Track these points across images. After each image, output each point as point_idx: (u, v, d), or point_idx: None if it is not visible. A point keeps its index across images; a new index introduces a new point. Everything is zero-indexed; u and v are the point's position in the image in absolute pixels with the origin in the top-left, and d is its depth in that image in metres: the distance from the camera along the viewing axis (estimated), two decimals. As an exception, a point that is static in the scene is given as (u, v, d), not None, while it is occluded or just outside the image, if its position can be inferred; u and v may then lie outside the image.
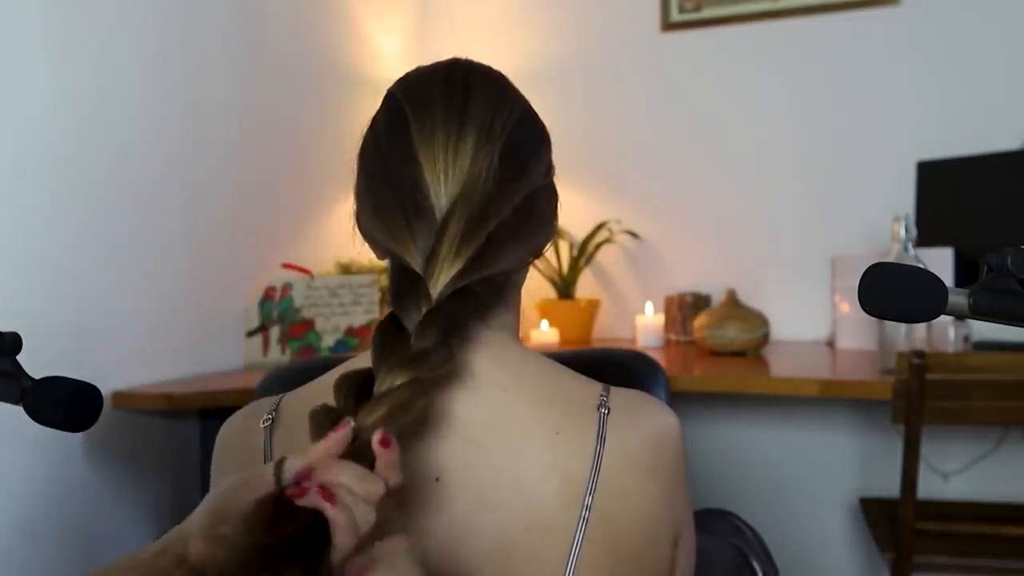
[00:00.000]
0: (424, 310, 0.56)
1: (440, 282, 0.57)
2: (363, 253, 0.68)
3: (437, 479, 0.58)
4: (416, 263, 0.58)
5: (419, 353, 0.55)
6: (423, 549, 0.57)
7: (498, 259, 0.59)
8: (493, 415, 0.60)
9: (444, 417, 0.59)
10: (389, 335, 0.56)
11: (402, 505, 0.57)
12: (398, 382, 0.53)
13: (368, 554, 0.48)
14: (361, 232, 0.66)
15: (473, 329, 0.62)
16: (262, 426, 0.64)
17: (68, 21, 1.37)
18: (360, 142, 0.67)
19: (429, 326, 0.56)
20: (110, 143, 1.45)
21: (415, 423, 0.55)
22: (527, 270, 0.69)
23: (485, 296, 0.60)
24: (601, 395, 0.64)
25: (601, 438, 0.61)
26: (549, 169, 0.67)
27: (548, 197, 0.67)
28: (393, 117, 0.64)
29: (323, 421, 0.51)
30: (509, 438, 0.60)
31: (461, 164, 0.60)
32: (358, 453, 0.50)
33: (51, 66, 1.35)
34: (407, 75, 0.68)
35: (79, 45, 1.40)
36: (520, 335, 0.70)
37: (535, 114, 0.67)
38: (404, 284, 0.58)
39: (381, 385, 0.53)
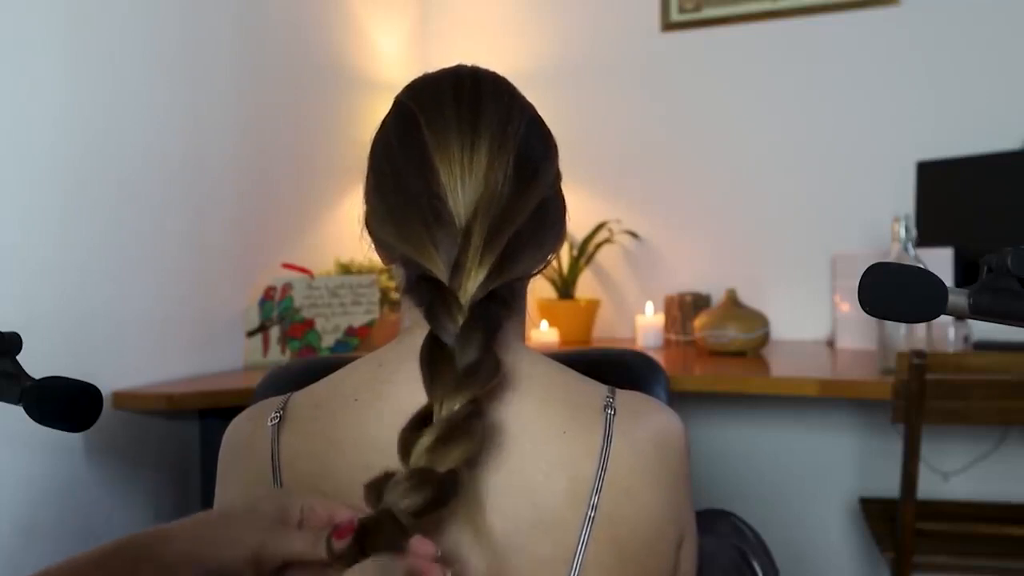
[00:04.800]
0: (460, 321, 0.56)
1: (468, 291, 0.57)
2: (365, 254, 0.68)
3: None
4: (440, 271, 0.58)
5: (469, 368, 0.55)
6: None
7: (516, 265, 0.59)
8: (501, 414, 0.60)
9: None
10: (435, 357, 0.56)
11: None
12: (456, 406, 0.53)
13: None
14: (372, 237, 0.66)
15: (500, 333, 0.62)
16: (269, 424, 0.64)
17: (74, 25, 1.38)
18: (370, 147, 0.67)
19: (470, 337, 0.56)
20: (112, 144, 1.45)
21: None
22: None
23: (507, 300, 0.60)
24: (607, 396, 0.64)
25: (608, 438, 0.61)
26: (557, 176, 0.68)
27: (557, 203, 0.67)
28: (405, 123, 0.64)
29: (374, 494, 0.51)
30: (516, 437, 0.60)
31: (477, 171, 0.60)
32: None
33: (59, 71, 1.35)
34: (414, 82, 0.68)
35: (85, 52, 1.40)
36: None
37: (542, 121, 0.68)
38: (434, 298, 0.57)
39: (440, 414, 0.54)
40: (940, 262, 1.72)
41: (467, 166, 0.60)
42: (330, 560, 0.50)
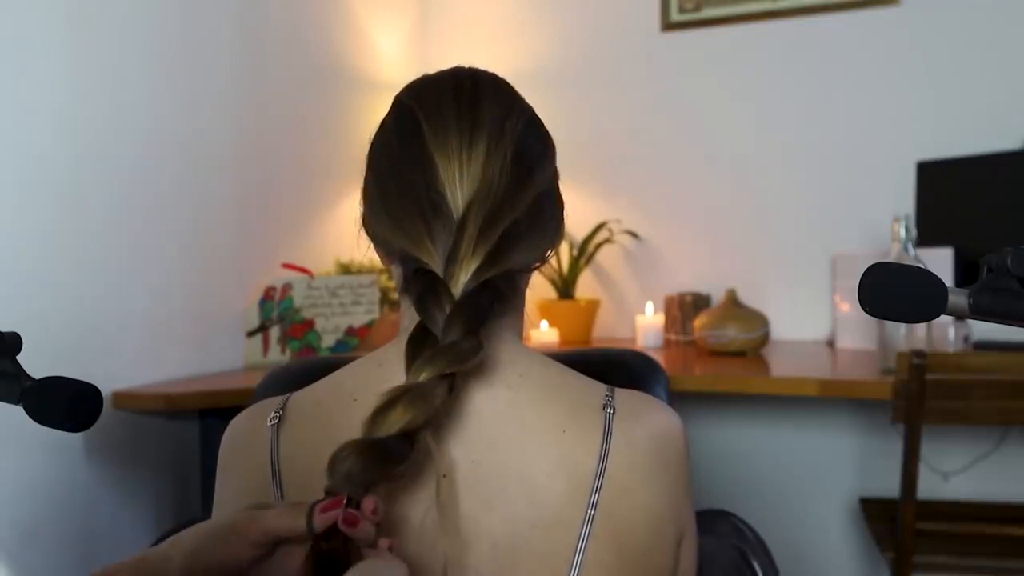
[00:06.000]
0: (448, 309, 0.57)
1: (460, 281, 0.57)
2: (365, 253, 0.68)
3: (444, 476, 0.58)
4: (435, 264, 0.59)
5: (447, 346, 0.55)
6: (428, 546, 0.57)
7: (511, 256, 0.60)
8: (501, 413, 0.61)
9: (460, 412, 0.60)
10: (418, 340, 0.57)
11: (408, 503, 0.58)
12: (420, 377, 0.54)
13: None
14: (370, 235, 0.66)
15: (490, 325, 0.62)
16: (269, 424, 0.64)
17: (74, 25, 1.37)
18: (368, 147, 0.67)
19: (453, 321, 0.56)
20: (111, 144, 1.45)
21: (435, 416, 0.54)
22: (531, 275, 0.70)
23: (502, 292, 0.60)
24: (606, 395, 0.65)
25: (607, 437, 0.61)
26: (555, 175, 0.68)
27: (554, 201, 0.68)
28: (405, 121, 0.64)
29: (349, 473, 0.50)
30: (516, 436, 0.60)
31: (475, 166, 0.60)
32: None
33: (59, 71, 1.35)
34: (413, 83, 0.68)
35: (85, 52, 1.40)
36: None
37: (541, 122, 0.68)
38: (426, 289, 0.58)
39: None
40: (940, 262, 1.72)
41: (466, 161, 0.60)
42: (308, 535, 0.48)
